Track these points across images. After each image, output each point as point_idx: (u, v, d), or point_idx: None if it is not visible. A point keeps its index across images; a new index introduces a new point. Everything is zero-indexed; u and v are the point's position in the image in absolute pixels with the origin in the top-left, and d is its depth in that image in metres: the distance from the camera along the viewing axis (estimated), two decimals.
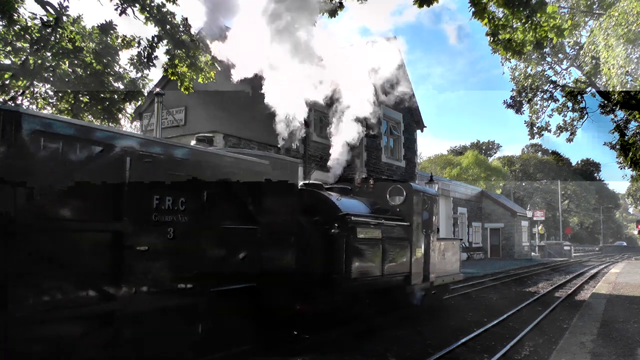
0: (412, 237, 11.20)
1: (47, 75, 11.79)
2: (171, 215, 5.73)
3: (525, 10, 7.86)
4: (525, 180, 79.17)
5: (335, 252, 8.71)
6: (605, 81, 17.61)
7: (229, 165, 6.84)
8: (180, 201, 5.81)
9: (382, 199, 11.35)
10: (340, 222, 8.83)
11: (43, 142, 4.47)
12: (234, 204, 6.73)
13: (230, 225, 6.63)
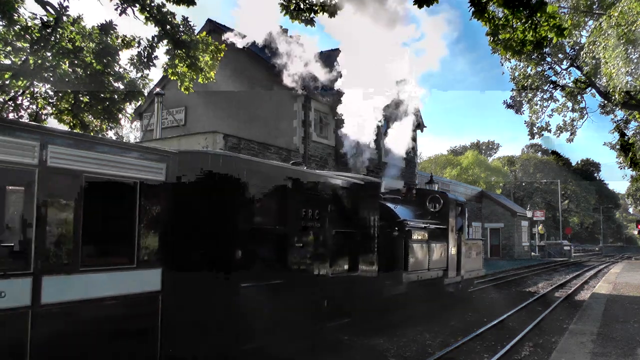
0: (448, 238, 13.41)
1: (47, 75, 11.78)
2: (311, 222, 8.08)
3: (525, 10, 7.85)
4: (525, 180, 79.17)
5: (397, 251, 11.03)
6: (606, 81, 17.60)
7: (340, 185, 9.08)
8: (315, 212, 8.15)
9: (422, 206, 13.51)
10: (399, 227, 11.20)
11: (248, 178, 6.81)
12: (342, 214, 8.96)
13: (340, 229, 8.84)
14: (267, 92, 21.69)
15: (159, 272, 5.89)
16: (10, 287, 4.43)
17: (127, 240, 5.64)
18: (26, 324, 4.53)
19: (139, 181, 5.70)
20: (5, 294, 4.34)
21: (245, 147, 17.91)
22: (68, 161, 5.02)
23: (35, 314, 4.62)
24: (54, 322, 4.75)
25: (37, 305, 4.66)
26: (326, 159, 22.21)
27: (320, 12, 8.81)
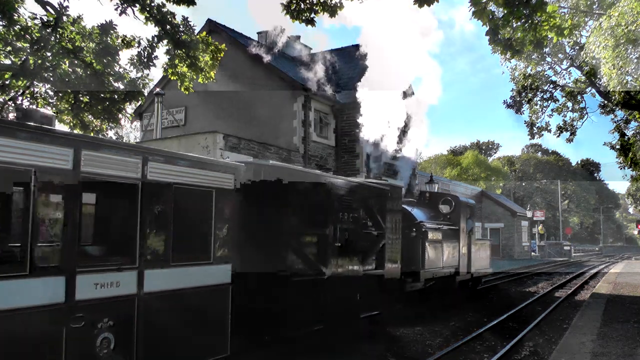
0: (460, 238, 14.39)
1: (47, 75, 11.78)
2: (347, 225, 9.13)
3: (525, 9, 7.85)
4: (525, 180, 79.16)
5: (415, 250, 12.06)
6: (606, 81, 17.60)
7: (370, 191, 10.17)
8: (350, 216, 9.24)
9: (435, 208, 14.44)
10: (417, 228, 12.23)
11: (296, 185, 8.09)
12: (372, 216, 10.05)
13: (370, 231, 10.00)
14: (267, 92, 21.70)
15: (229, 267, 6.88)
16: (123, 279, 5.55)
17: (205, 240, 6.63)
18: (133, 307, 5.62)
19: (214, 189, 6.69)
20: (120, 283, 5.50)
21: (245, 147, 17.91)
22: (162, 174, 6.00)
23: (139, 299, 5.68)
24: (152, 306, 5.81)
25: (141, 293, 5.70)
26: (326, 159, 22.21)
27: (321, 12, 8.81)
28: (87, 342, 5.10)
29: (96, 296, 5.21)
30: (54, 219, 5.09)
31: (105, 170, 5.36)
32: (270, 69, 22.25)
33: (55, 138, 4.98)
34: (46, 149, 4.82)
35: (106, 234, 6.18)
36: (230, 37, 22.80)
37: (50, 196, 5.05)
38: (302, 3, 8.88)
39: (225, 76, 21.06)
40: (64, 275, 4.95)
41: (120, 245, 5.85)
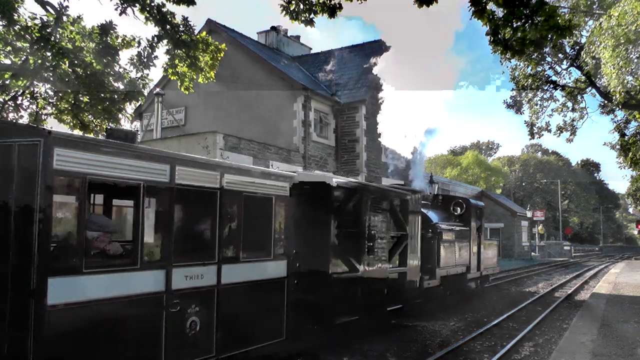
0: (470, 239, 15.24)
1: (47, 75, 11.77)
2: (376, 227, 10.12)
3: (525, 9, 7.85)
4: (525, 180, 79.14)
5: (432, 250, 12.82)
6: (606, 81, 17.60)
7: (395, 196, 11.14)
8: (378, 218, 10.17)
9: (447, 210, 15.24)
10: (432, 229, 12.99)
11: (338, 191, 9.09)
12: (396, 219, 10.97)
13: (395, 232, 10.89)
14: (267, 92, 21.70)
15: (285, 262, 7.99)
16: (206, 272, 6.59)
17: (266, 239, 7.73)
18: (213, 296, 6.66)
19: (274, 196, 7.77)
20: (203, 276, 6.51)
21: (245, 147, 17.91)
22: (235, 184, 7.08)
23: (218, 289, 6.74)
24: (227, 296, 6.87)
25: (219, 284, 6.76)
26: (326, 159, 22.20)
27: (321, 13, 8.80)
28: (180, 323, 6.16)
29: (187, 286, 6.27)
30: (156, 223, 6.12)
31: (192, 182, 6.42)
32: (270, 69, 22.25)
33: (158, 157, 6.07)
34: (151, 166, 5.92)
35: (192, 235, 6.96)
36: (230, 37, 22.79)
37: (154, 204, 6.14)
38: (302, 3, 8.87)
39: (225, 76, 21.07)
40: (164, 269, 5.99)
41: (204, 244, 6.83)
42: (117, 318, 5.45)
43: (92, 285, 5.21)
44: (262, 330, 7.53)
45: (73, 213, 5.26)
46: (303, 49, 29.16)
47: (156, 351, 5.82)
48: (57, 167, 4.84)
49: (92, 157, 5.23)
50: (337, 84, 23.81)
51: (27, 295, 4.70)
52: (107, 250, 5.79)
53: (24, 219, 4.77)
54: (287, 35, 28.27)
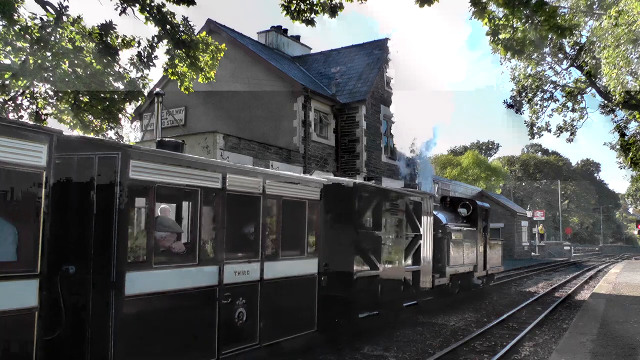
0: (477, 238, 15.95)
1: (47, 75, 11.76)
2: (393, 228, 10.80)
3: (526, 9, 7.85)
4: (525, 180, 79.13)
5: (442, 249, 13.54)
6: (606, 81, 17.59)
7: (410, 199, 11.75)
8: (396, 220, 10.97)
9: (455, 211, 15.82)
10: (442, 230, 13.66)
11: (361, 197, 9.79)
12: (411, 221, 11.65)
13: (410, 233, 11.61)
14: (267, 92, 21.69)
15: (316, 260, 8.74)
16: (251, 268, 7.34)
17: (301, 240, 8.51)
18: (257, 289, 7.36)
19: (307, 200, 8.55)
20: (249, 272, 7.26)
21: (245, 147, 17.91)
22: (275, 190, 7.81)
23: (261, 284, 7.49)
24: (269, 290, 7.59)
25: (262, 280, 7.49)
26: (326, 159, 22.20)
27: (321, 13, 8.81)
28: (230, 314, 6.90)
29: (235, 281, 6.98)
30: (211, 225, 6.76)
31: (240, 188, 7.19)
32: (270, 69, 22.25)
33: (213, 166, 6.87)
34: (207, 175, 6.65)
35: (240, 235, 7.61)
36: (230, 37, 22.79)
37: (209, 208, 6.76)
38: (302, 3, 8.88)
39: (225, 76, 21.06)
40: (217, 265, 6.73)
41: (249, 243, 7.51)
42: (179, 308, 6.15)
43: (159, 278, 5.90)
44: (297, 322, 8.30)
45: (145, 216, 6.02)
46: (303, 49, 29.16)
47: (211, 338, 6.58)
48: (132, 177, 5.56)
49: (159, 167, 5.94)
50: (337, 84, 23.81)
51: (109, 287, 5.37)
52: (172, 248, 6.59)
53: (105, 222, 5.42)
54: (287, 35, 28.27)
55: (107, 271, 5.37)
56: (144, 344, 5.65)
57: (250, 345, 7.18)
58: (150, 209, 5.92)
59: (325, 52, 27.89)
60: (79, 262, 5.41)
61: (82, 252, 5.44)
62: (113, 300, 5.33)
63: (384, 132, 24.41)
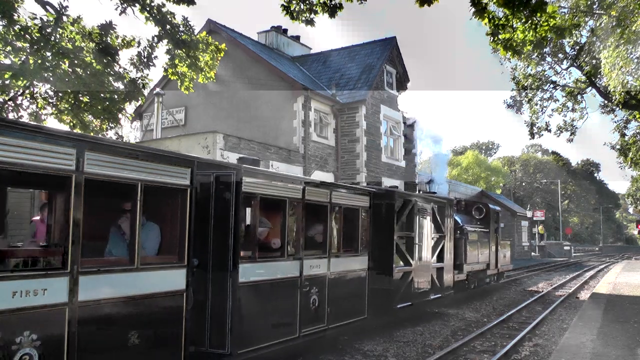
0: (490, 239, 17.46)
1: (47, 75, 11.76)
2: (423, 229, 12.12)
3: (525, 10, 7.85)
4: (525, 180, 79.11)
5: (460, 248, 14.95)
6: (606, 81, 17.59)
7: (436, 203, 13.07)
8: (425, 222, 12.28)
9: (469, 214, 17.35)
10: (460, 230, 15.09)
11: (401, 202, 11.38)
12: (436, 223, 12.97)
13: (434, 232, 12.87)
14: (267, 92, 21.69)
15: (366, 258, 10.11)
16: (321, 263, 8.74)
17: (355, 240, 9.82)
18: (325, 281, 8.75)
19: (360, 207, 9.99)
20: (320, 266, 8.62)
21: (245, 147, 17.90)
22: (338, 199, 9.30)
23: (328, 276, 8.85)
24: (334, 281, 8.97)
25: (328, 273, 8.89)
26: (326, 159, 22.19)
27: (321, 13, 8.80)
28: (307, 300, 8.26)
29: (310, 273, 8.37)
30: (294, 228, 8.12)
31: (314, 198, 8.60)
32: (270, 68, 22.25)
33: (296, 180, 8.60)
34: (293, 187, 8.15)
35: (313, 236, 8.86)
36: (230, 37, 22.79)
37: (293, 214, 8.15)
38: (302, 4, 8.87)
39: (225, 76, 21.05)
40: (299, 260, 8.12)
41: (319, 243, 8.84)
42: (273, 293, 7.59)
43: (260, 270, 7.38)
44: (353, 309, 9.68)
45: (252, 220, 7.37)
46: (303, 49, 29.15)
47: (294, 319, 7.99)
48: (244, 190, 6.96)
49: (261, 182, 7.41)
50: (337, 84, 23.80)
51: (227, 276, 6.78)
52: (274, 244, 7.92)
53: (222, 225, 6.82)
54: (287, 35, 28.27)
55: (225, 263, 6.78)
56: (249, 320, 7.03)
57: (320, 326, 8.60)
58: (254, 216, 7.33)
59: (325, 52, 27.88)
60: (202, 256, 6.74)
61: (204, 249, 6.80)
62: (230, 285, 6.77)
63: (383, 132, 24.41)
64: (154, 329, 5.68)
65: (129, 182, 5.43)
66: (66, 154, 4.77)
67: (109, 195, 5.96)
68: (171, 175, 5.93)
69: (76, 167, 4.83)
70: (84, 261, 4.95)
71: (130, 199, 5.58)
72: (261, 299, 7.33)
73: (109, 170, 5.18)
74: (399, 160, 25.47)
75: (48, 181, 5.07)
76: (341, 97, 23.02)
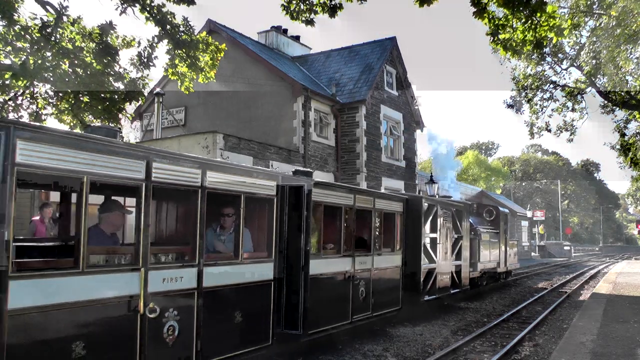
0: (500, 239, 18.92)
1: (47, 75, 11.76)
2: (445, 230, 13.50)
3: (525, 10, 7.86)
4: (525, 180, 79.12)
5: (474, 248, 16.30)
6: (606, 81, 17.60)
7: (455, 207, 14.46)
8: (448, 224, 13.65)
9: (481, 216, 18.94)
10: (474, 232, 16.49)
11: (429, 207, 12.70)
12: (455, 225, 14.24)
13: (453, 234, 14.11)
14: (267, 92, 21.68)
15: (400, 255, 11.51)
16: (367, 260, 10.06)
17: (393, 239, 11.25)
18: (370, 275, 10.10)
19: (397, 212, 11.39)
20: (366, 262, 10.00)
21: (245, 147, 17.91)
22: (380, 206, 10.64)
23: (372, 271, 10.18)
24: (377, 276, 10.33)
25: (372, 268, 10.19)
26: (326, 159, 22.19)
27: (321, 13, 8.81)
28: (357, 292, 9.59)
29: (359, 268, 9.67)
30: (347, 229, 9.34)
31: (362, 204, 9.90)
32: (270, 68, 22.25)
33: (348, 189, 9.94)
34: (346, 195, 9.52)
35: (361, 237, 10.12)
36: (230, 37, 22.79)
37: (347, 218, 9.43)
38: (302, 3, 8.88)
39: (225, 76, 21.05)
40: (351, 258, 9.46)
41: (365, 243, 10.16)
42: (332, 284, 8.93)
43: (324, 265, 8.68)
44: (390, 300, 10.97)
45: (318, 224, 8.63)
46: (303, 49, 29.15)
47: (347, 307, 9.29)
48: (314, 199, 8.30)
49: (324, 192, 8.82)
50: (337, 84, 23.80)
51: (300, 270, 8.06)
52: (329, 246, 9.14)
53: (296, 227, 8.04)
54: (287, 35, 28.27)
55: (299, 259, 8.08)
56: (316, 307, 8.23)
57: (367, 314, 9.93)
58: (319, 219, 8.62)
59: (325, 52, 27.88)
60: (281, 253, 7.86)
61: (280, 246, 7.82)
62: (302, 278, 8.06)
63: (383, 132, 24.41)
64: (251, 310, 7.04)
65: (235, 194, 6.93)
66: (195, 174, 6.18)
67: (219, 203, 7.05)
68: (263, 187, 7.37)
69: (200, 183, 6.22)
70: (206, 256, 6.35)
71: (234, 206, 7.06)
72: (324, 289, 8.66)
73: (222, 185, 6.59)
74: (399, 160, 25.46)
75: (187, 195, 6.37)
76: (341, 97, 23.02)
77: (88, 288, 4.87)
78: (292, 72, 23.30)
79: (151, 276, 5.50)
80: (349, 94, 23.25)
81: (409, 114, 26.37)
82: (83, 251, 4.83)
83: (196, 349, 6.06)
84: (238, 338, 6.84)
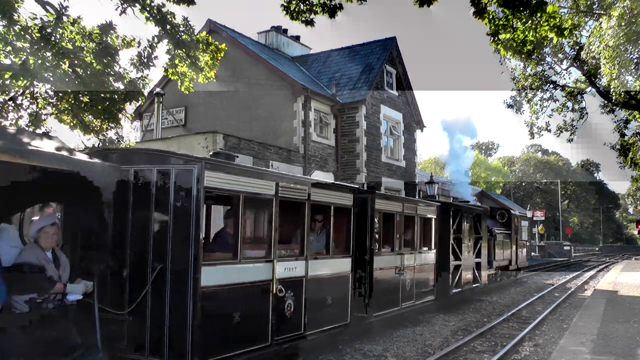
0: (511, 240, 20.99)
1: (47, 75, 11.74)
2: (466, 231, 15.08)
3: (526, 10, 7.85)
4: (525, 180, 79.11)
5: (490, 248, 18.05)
6: (606, 81, 17.60)
7: (475, 210, 16.30)
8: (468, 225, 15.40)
9: (494, 218, 20.75)
10: (490, 233, 18.13)
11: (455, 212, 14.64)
12: (475, 226, 16.05)
13: (474, 235, 15.90)
14: (267, 92, 21.68)
15: (435, 254, 13.17)
16: (410, 257, 11.84)
17: (428, 239, 12.91)
18: (413, 270, 11.93)
19: (432, 216, 13.09)
20: (412, 259, 11.84)
21: (245, 147, 17.90)
22: (421, 212, 12.44)
23: (414, 267, 12.01)
24: (417, 271, 12.13)
25: (414, 264, 12.03)
26: (326, 159, 22.19)
27: (321, 13, 8.80)
28: (404, 283, 11.46)
29: (407, 264, 11.62)
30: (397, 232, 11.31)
31: (408, 210, 11.75)
32: (270, 68, 22.25)
33: (401, 199, 12.64)
34: (397, 204, 11.45)
35: (409, 236, 11.88)
36: (230, 37, 22.79)
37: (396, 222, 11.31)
38: (302, 4, 8.87)
39: (225, 76, 21.04)
40: (400, 255, 11.34)
41: (410, 242, 11.89)
42: (388, 277, 10.76)
43: (382, 260, 10.54)
44: (427, 292, 12.66)
45: (378, 228, 10.38)
46: (303, 49, 29.14)
47: (397, 296, 11.25)
48: (377, 207, 10.25)
49: (382, 201, 10.71)
50: (337, 84, 23.79)
51: (366, 264, 9.87)
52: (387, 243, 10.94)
53: (362, 229, 9.80)
54: (287, 35, 28.27)
55: (364, 255, 9.79)
56: (378, 294, 10.07)
57: (411, 302, 11.69)
58: (379, 224, 10.37)
59: (325, 52, 27.87)
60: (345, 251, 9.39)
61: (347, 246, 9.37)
62: (368, 272, 9.87)
63: (383, 132, 24.41)
64: (336, 296, 8.82)
65: (326, 204, 8.82)
66: (305, 190, 8.21)
67: (314, 211, 8.64)
68: (345, 199, 9.25)
69: (307, 196, 8.22)
70: (310, 252, 8.26)
71: (324, 213, 8.88)
72: (382, 280, 10.36)
73: (323, 198, 8.65)
74: (399, 160, 25.46)
75: (298, 206, 8.18)
76: (341, 97, 23.01)
77: (242, 273, 6.90)
78: (292, 72, 23.30)
79: (278, 266, 7.46)
80: (349, 94, 23.25)
81: (409, 114, 26.36)
82: (239, 247, 6.86)
83: (304, 322, 7.99)
84: (330, 316, 8.67)
